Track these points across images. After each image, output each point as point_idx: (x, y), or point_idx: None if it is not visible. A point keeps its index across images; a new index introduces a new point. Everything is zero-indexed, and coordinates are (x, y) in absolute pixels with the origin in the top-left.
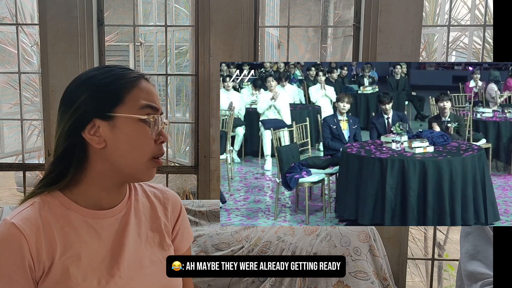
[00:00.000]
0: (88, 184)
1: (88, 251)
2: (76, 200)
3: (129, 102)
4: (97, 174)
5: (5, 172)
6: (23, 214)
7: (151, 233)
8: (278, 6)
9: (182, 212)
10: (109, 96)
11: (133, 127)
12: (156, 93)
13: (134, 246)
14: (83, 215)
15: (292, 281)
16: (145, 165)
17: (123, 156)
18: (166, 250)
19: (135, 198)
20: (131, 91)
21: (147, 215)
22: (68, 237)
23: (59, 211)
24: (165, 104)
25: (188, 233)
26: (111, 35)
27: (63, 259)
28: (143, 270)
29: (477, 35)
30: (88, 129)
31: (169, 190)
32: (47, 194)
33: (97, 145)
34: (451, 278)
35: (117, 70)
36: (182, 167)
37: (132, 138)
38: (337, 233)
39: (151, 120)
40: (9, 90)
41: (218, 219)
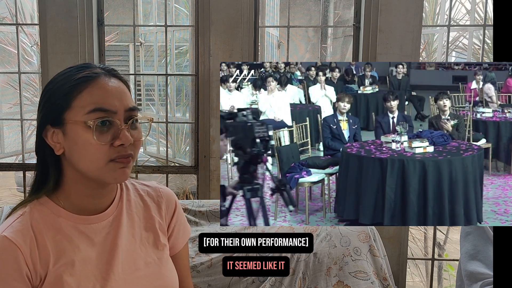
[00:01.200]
0: (68, 190)
1: (81, 258)
2: (63, 206)
3: (76, 106)
4: (72, 180)
5: (5, 172)
6: (14, 226)
7: (145, 233)
8: (278, 6)
9: (177, 209)
10: (58, 101)
11: (80, 133)
12: (121, 90)
13: (128, 248)
14: (73, 221)
15: (292, 281)
16: (105, 169)
17: (78, 162)
18: (161, 250)
19: (127, 198)
20: (79, 94)
21: (140, 215)
22: (60, 245)
23: (49, 220)
24: (165, 104)
25: (185, 229)
26: (111, 35)
27: (57, 267)
28: (137, 273)
29: (476, 36)
30: (49, 135)
31: (163, 187)
32: (36, 202)
33: (57, 151)
34: (451, 278)
35: (72, 71)
36: (182, 167)
37: (79, 144)
38: (337, 233)
39: (98, 125)
40: (9, 90)
41: (218, 219)
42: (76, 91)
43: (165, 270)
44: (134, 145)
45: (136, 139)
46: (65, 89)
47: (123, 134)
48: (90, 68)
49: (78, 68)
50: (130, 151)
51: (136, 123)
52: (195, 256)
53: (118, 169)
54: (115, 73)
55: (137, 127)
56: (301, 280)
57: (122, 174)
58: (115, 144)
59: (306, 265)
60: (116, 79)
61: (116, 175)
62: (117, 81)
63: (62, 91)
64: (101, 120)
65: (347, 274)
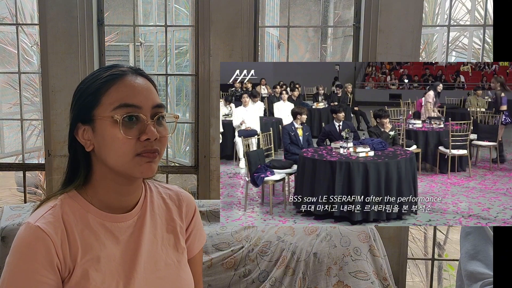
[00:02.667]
0: (97, 185)
1: (106, 254)
2: (92, 202)
3: (105, 103)
4: (101, 175)
5: (5, 172)
6: (46, 217)
7: (167, 235)
8: (278, 6)
9: (196, 214)
10: (88, 99)
11: (108, 128)
12: (147, 88)
13: (150, 248)
14: (101, 218)
15: (292, 281)
16: (132, 163)
17: (107, 156)
18: (180, 253)
19: (150, 200)
20: (107, 91)
21: (163, 217)
22: (88, 240)
23: (78, 214)
24: (165, 104)
25: (201, 234)
26: (111, 35)
27: (84, 261)
28: (158, 273)
29: (476, 35)
30: (80, 132)
31: (183, 191)
32: (66, 196)
33: (87, 148)
34: (451, 278)
35: (100, 70)
36: (182, 167)
37: (107, 139)
38: (337, 233)
39: (125, 120)
40: (9, 90)
41: (218, 219)
42: (104, 88)
43: (183, 273)
44: (160, 141)
45: (162, 135)
46: (94, 87)
47: (149, 129)
48: (118, 67)
49: (107, 68)
50: (156, 146)
51: (162, 120)
52: None
53: (144, 163)
54: (141, 72)
55: (163, 124)
56: (301, 280)
57: (149, 168)
58: (142, 138)
59: (306, 265)
60: (143, 77)
61: (142, 169)
62: (143, 79)
63: (91, 89)
64: (128, 115)
65: (347, 274)
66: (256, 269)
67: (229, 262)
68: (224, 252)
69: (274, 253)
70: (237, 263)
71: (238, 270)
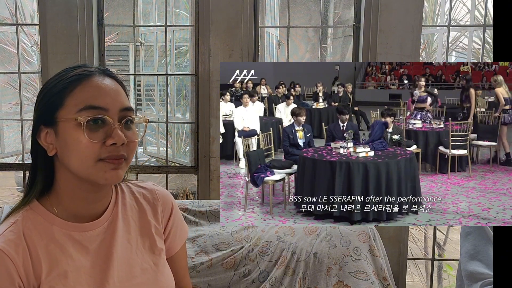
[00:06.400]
0: (61, 193)
1: (75, 267)
2: (56, 213)
3: (69, 104)
4: (65, 182)
5: (5, 172)
6: (6, 235)
7: (141, 238)
8: (278, 6)
9: (174, 211)
10: (51, 100)
11: (71, 131)
12: (115, 89)
13: (124, 255)
14: (67, 229)
15: (292, 281)
16: (95, 169)
17: (69, 161)
18: (157, 254)
19: (122, 202)
20: (72, 92)
21: (136, 220)
22: (53, 255)
23: (42, 228)
24: (165, 104)
25: (181, 230)
26: (111, 35)
27: (49, 279)
28: (134, 280)
29: (476, 35)
30: (42, 136)
31: (159, 188)
32: (29, 209)
33: (49, 152)
34: (451, 278)
35: (66, 70)
36: (182, 167)
37: (70, 143)
38: (337, 233)
39: (90, 123)
40: (9, 90)
41: (218, 219)
42: (68, 89)
43: (161, 276)
44: (128, 146)
45: (131, 140)
46: (58, 87)
47: (115, 133)
48: (85, 67)
49: (73, 67)
50: (122, 152)
51: (131, 124)
52: (195, 256)
53: (109, 170)
54: (109, 73)
55: (132, 128)
56: (301, 280)
57: (114, 175)
58: (107, 143)
59: (306, 265)
60: (111, 78)
61: (107, 176)
62: (111, 80)
63: (55, 89)
64: (92, 118)
65: (347, 274)
66: (256, 269)
67: (229, 262)
68: (224, 252)
69: (274, 253)
70: (237, 263)
71: (238, 270)
